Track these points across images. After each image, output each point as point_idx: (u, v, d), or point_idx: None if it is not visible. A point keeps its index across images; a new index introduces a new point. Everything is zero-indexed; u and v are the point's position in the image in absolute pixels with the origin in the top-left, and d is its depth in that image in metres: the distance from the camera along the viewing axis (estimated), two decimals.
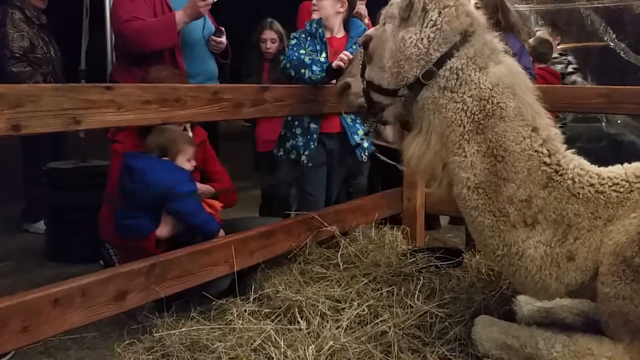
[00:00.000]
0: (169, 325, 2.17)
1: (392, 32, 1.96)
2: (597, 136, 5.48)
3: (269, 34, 4.03)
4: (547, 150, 1.92)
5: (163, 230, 2.49)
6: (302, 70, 2.77)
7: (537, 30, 5.04)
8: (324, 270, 2.63)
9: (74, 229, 3.73)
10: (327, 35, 3.04)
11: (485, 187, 1.91)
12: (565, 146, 1.97)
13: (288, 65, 2.86)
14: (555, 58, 4.51)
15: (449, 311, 2.27)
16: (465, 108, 1.88)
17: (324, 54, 2.93)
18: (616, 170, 1.92)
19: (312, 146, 3.04)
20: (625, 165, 1.94)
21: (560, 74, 4.61)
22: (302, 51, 2.89)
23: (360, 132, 3.06)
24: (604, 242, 1.88)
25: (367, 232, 3.13)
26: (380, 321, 2.18)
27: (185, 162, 2.56)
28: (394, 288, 2.43)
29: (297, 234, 2.70)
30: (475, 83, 1.89)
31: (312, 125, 3.04)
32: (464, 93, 1.89)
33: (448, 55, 1.89)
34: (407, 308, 2.28)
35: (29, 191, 4.44)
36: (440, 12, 1.89)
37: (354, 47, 2.84)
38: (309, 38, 3.02)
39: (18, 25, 4.16)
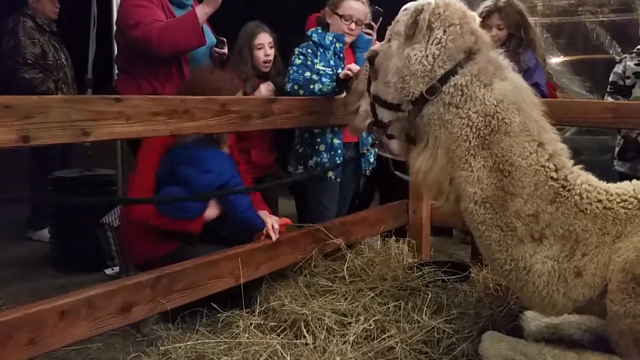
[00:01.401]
0: (174, 338, 2.16)
1: (397, 48, 1.98)
2: (602, 149, 5.47)
3: (265, 38, 3.20)
4: (554, 165, 1.91)
5: (212, 212, 2.55)
6: (312, 86, 2.75)
7: None
8: (330, 283, 2.61)
9: (78, 238, 3.71)
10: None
11: (492, 201, 1.91)
12: (572, 161, 1.96)
13: (296, 87, 2.81)
14: None
15: (457, 327, 2.25)
16: (470, 124, 1.89)
17: (339, 70, 2.88)
18: (624, 187, 1.91)
19: (338, 162, 3.05)
20: (634, 182, 1.94)
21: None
22: (307, 73, 2.84)
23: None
24: (612, 259, 1.86)
25: (373, 244, 3.12)
26: (387, 336, 2.16)
27: (226, 148, 2.64)
28: (400, 302, 2.41)
29: (303, 246, 2.69)
30: (480, 99, 1.89)
31: (336, 141, 3.04)
32: (469, 109, 1.90)
33: (452, 72, 1.90)
34: (414, 323, 2.26)
35: (35, 199, 4.45)
36: (445, 31, 1.90)
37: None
38: (319, 51, 2.97)
39: (29, 33, 4.20)
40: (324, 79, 2.74)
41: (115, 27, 3.11)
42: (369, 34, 3.23)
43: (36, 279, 3.60)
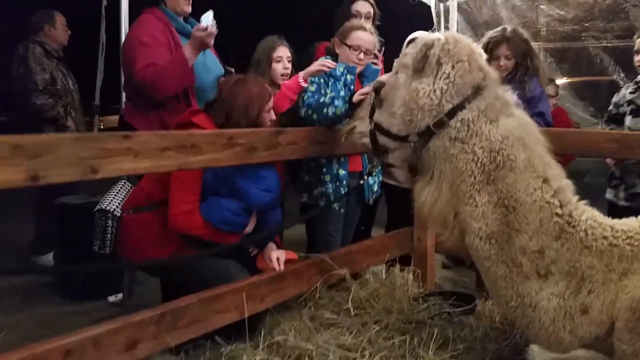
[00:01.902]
0: None
1: (405, 81, 2.00)
2: (604, 171, 5.47)
3: (285, 51, 3.21)
4: (559, 201, 1.92)
5: (250, 228, 2.59)
6: (325, 110, 2.73)
7: None
8: (335, 316, 2.59)
9: (83, 264, 3.70)
10: None
11: (497, 237, 1.91)
12: (577, 197, 1.97)
13: (310, 111, 2.80)
14: None
15: None
16: (475, 159, 1.90)
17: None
18: (630, 223, 1.91)
19: (343, 192, 3.04)
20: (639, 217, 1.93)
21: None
22: (321, 99, 2.83)
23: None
24: (619, 297, 1.86)
25: (378, 271, 3.11)
26: None
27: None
28: (406, 337, 2.39)
29: (307, 277, 2.68)
30: (486, 135, 1.91)
31: (342, 172, 3.04)
32: (474, 144, 1.91)
33: (460, 107, 1.92)
34: (420, 359, 2.24)
35: (39, 224, 4.45)
36: (453, 66, 1.92)
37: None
38: (330, 82, 2.96)
39: (39, 60, 4.27)
40: (336, 102, 2.73)
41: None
42: (375, 64, 3.24)
43: (40, 306, 3.56)
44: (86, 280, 3.69)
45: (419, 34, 3.88)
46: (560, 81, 5.68)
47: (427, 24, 6.32)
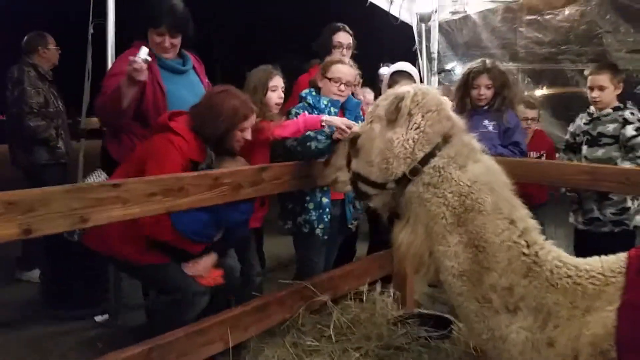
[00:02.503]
0: None
1: (380, 131, 2.09)
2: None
3: (279, 81, 3.27)
4: (525, 241, 1.99)
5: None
6: (308, 144, 2.81)
7: None
8: (317, 343, 2.70)
9: (70, 281, 3.76)
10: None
11: (469, 275, 2.01)
12: (543, 237, 2.07)
13: (295, 143, 2.88)
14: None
15: None
16: (446, 203, 2.00)
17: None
18: (593, 263, 2.01)
19: (326, 219, 3.15)
20: (603, 257, 2.04)
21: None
22: (307, 132, 2.90)
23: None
24: (582, 332, 1.96)
25: (359, 294, 3.22)
26: None
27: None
28: None
29: (290, 304, 2.78)
30: (456, 180, 2.00)
31: (324, 200, 3.15)
32: (445, 189, 2.01)
33: (431, 155, 2.02)
34: None
35: (25, 240, 4.49)
36: (423, 116, 2.03)
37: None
38: (314, 114, 3.06)
39: (34, 83, 4.38)
40: (319, 137, 2.83)
41: None
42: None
43: (28, 326, 3.64)
44: (73, 300, 3.75)
45: (402, 66, 4.03)
46: (540, 92, 5.85)
47: (409, 44, 6.48)
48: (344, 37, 3.94)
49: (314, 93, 3.22)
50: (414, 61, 6.82)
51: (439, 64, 6.38)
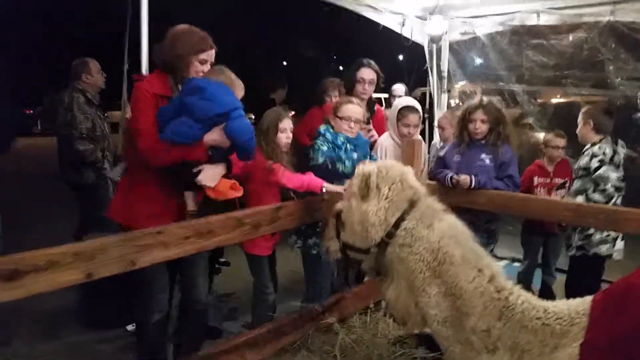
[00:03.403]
0: None
1: (356, 206, 2.41)
2: None
3: (289, 123, 3.52)
4: (494, 287, 2.23)
5: (211, 136, 2.73)
6: (338, 164, 3.33)
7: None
8: None
9: (103, 296, 4.06)
10: None
11: (451, 320, 2.27)
12: (511, 282, 2.27)
13: (327, 161, 3.35)
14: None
15: None
16: (422, 258, 2.27)
17: None
18: (561, 306, 2.22)
19: None
20: (570, 300, 2.24)
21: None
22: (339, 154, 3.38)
23: None
24: None
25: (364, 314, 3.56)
26: None
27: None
28: None
29: (301, 325, 3.14)
30: (426, 238, 2.28)
31: None
32: (419, 247, 2.28)
33: (401, 219, 2.31)
34: None
35: None
36: (389, 188, 2.34)
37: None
38: (335, 150, 3.45)
39: (83, 109, 4.75)
40: (347, 162, 3.40)
41: None
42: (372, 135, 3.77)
43: (65, 334, 4.05)
44: (107, 309, 4.14)
45: (409, 101, 4.34)
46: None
47: (420, 63, 6.77)
48: (366, 73, 4.31)
49: (331, 130, 3.56)
50: (424, 79, 7.14)
51: (448, 83, 6.66)
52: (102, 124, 4.92)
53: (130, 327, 4.06)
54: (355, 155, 3.53)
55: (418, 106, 4.24)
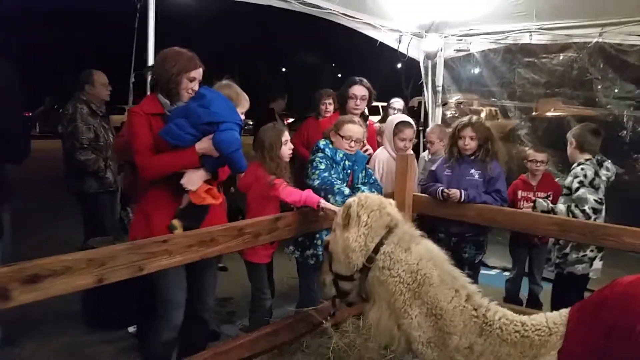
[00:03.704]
0: None
1: (340, 235, 2.58)
2: None
3: (287, 135, 3.68)
4: (471, 305, 2.36)
5: (202, 145, 2.81)
6: (329, 196, 3.39)
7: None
8: None
9: (107, 297, 4.17)
10: None
11: (434, 341, 2.35)
12: (487, 299, 2.39)
13: (322, 186, 3.45)
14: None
15: None
16: (401, 280, 2.40)
17: (345, 183, 3.59)
18: (538, 319, 2.34)
19: None
20: (547, 313, 2.37)
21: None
22: (333, 176, 3.49)
23: None
24: None
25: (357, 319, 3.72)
26: None
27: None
28: None
29: (297, 329, 3.30)
30: (404, 260, 2.42)
31: None
32: (398, 269, 2.42)
33: (380, 244, 2.47)
34: None
35: None
36: (368, 215, 2.52)
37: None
38: (334, 165, 3.59)
39: (86, 120, 4.87)
40: (337, 197, 3.39)
41: None
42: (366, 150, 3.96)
43: (70, 334, 4.21)
44: (109, 311, 4.29)
45: (404, 117, 4.51)
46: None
47: (416, 78, 6.98)
48: (358, 90, 4.54)
49: (330, 146, 3.70)
50: (419, 93, 7.33)
51: (443, 95, 6.86)
52: (105, 134, 5.03)
53: (131, 329, 4.21)
54: (343, 176, 3.67)
55: (412, 122, 4.43)
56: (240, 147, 2.86)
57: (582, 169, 4.00)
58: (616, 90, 5.54)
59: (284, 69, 43.53)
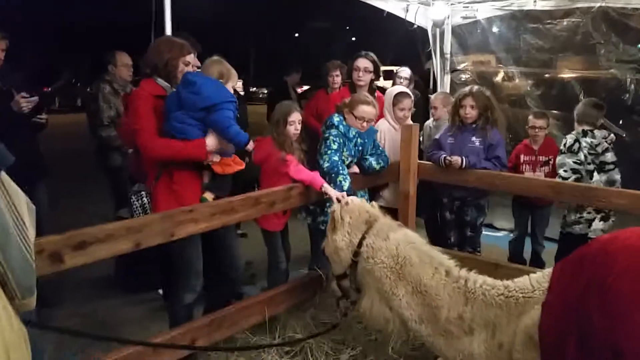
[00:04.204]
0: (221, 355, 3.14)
1: (330, 238, 2.93)
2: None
3: (297, 116, 3.87)
4: (452, 278, 2.57)
5: (211, 141, 3.04)
6: (338, 178, 3.63)
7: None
8: (330, 318, 3.56)
9: (137, 262, 4.53)
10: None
11: (425, 317, 2.58)
12: (465, 269, 2.64)
13: (330, 171, 3.65)
14: None
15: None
16: (385, 265, 2.69)
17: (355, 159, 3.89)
18: (522, 280, 2.53)
19: None
20: (531, 275, 2.54)
21: None
22: (345, 153, 3.75)
23: None
24: (518, 327, 2.39)
25: None
26: None
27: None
28: (376, 336, 3.36)
29: (311, 288, 3.65)
30: (385, 247, 2.73)
31: None
32: (380, 256, 2.72)
33: (363, 238, 2.80)
34: (391, 352, 3.21)
35: None
36: (350, 216, 2.88)
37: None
38: (346, 142, 3.81)
39: (107, 99, 5.15)
40: (338, 182, 3.64)
41: None
42: None
43: (107, 296, 4.63)
44: (140, 276, 4.69)
45: (402, 89, 4.74)
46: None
47: (424, 46, 7.12)
48: (361, 62, 4.76)
49: (344, 123, 3.89)
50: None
51: (451, 64, 7.01)
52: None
53: (160, 291, 4.60)
54: (355, 152, 3.93)
55: (410, 92, 4.67)
56: (233, 124, 3.04)
57: (564, 139, 4.24)
58: (619, 54, 5.64)
59: (296, 34, 43.25)
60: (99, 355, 2.63)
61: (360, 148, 3.92)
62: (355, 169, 3.96)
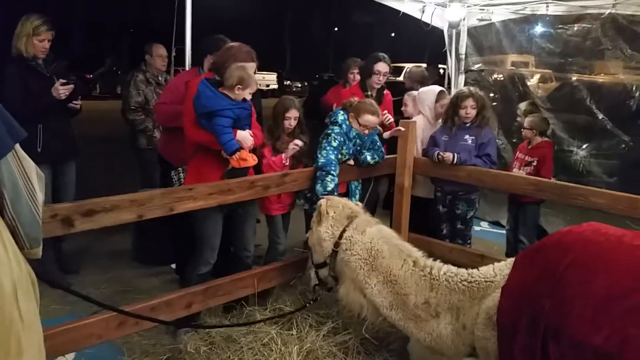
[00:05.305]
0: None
1: (315, 229, 3.27)
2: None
3: (294, 113, 4.19)
4: (418, 268, 2.85)
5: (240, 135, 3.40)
6: (318, 181, 3.78)
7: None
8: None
9: (153, 237, 5.00)
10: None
11: (395, 303, 2.86)
12: (431, 259, 2.88)
13: (322, 167, 3.81)
14: None
15: None
16: (360, 257, 3.02)
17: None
18: (486, 268, 2.78)
19: None
20: (495, 263, 2.79)
21: None
22: (344, 151, 4.03)
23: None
24: (480, 308, 2.61)
25: None
26: (346, 332, 3.44)
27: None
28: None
29: (302, 266, 3.96)
30: (361, 241, 3.06)
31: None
32: (356, 248, 3.06)
33: (344, 231, 3.13)
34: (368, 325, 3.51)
35: None
36: (335, 211, 3.23)
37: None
38: (346, 141, 4.04)
39: (137, 85, 5.62)
40: (325, 183, 3.79)
41: None
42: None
43: (124, 268, 5.07)
44: (155, 250, 5.10)
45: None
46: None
47: (440, 46, 7.31)
48: (382, 67, 4.95)
49: (347, 122, 4.10)
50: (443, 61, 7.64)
51: (466, 64, 7.18)
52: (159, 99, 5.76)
53: (173, 266, 5.00)
54: (353, 150, 4.17)
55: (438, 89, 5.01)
56: (224, 132, 3.30)
57: None
58: (626, 60, 5.74)
59: (335, 29, 43.40)
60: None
61: (359, 148, 4.21)
62: (350, 161, 4.24)
